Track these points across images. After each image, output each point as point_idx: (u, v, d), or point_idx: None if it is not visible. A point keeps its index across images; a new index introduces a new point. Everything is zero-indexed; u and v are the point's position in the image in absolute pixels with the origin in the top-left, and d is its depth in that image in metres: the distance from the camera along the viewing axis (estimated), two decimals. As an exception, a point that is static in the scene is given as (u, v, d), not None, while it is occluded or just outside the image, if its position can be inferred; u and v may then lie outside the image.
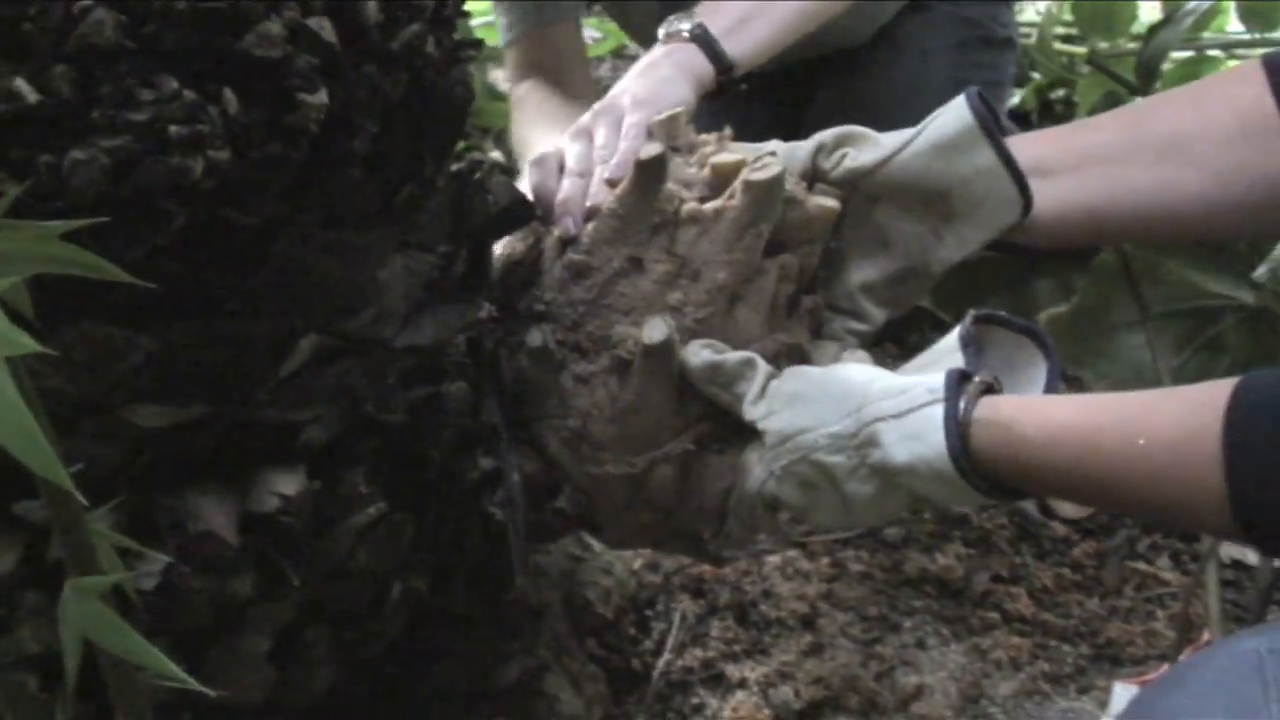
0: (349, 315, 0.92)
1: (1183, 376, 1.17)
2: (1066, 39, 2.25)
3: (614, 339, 0.94)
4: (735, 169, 0.94)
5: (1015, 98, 2.22)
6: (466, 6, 1.05)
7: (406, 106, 0.92)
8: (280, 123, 0.78)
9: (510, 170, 2.43)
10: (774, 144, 1.02)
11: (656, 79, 1.11)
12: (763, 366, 0.89)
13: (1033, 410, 0.80)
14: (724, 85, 1.15)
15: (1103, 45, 2.10)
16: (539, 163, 1.06)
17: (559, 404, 0.96)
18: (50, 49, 0.69)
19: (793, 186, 0.96)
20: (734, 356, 0.89)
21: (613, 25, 2.88)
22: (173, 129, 0.71)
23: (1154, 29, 1.88)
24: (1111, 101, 1.95)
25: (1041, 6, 2.55)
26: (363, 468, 0.94)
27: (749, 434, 0.90)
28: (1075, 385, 1.29)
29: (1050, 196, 0.96)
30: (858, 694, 1.23)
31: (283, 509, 0.87)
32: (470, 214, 1.04)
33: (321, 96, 0.80)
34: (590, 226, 0.97)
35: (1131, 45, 2.08)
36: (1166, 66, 1.97)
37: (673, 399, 0.92)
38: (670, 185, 0.95)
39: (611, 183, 0.99)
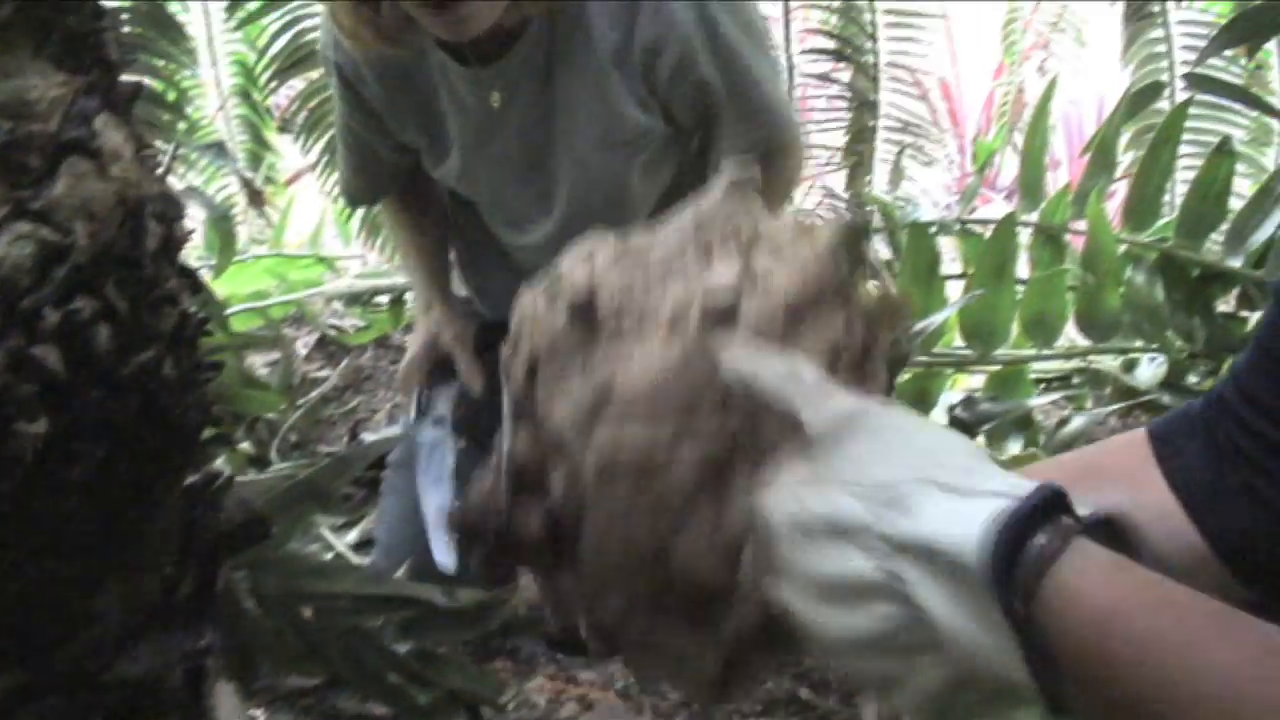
0: (58, 647, 0.87)
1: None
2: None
3: (663, 309, 0.78)
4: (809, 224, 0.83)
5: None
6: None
7: (136, 429, 0.90)
8: (-8, 453, 0.75)
9: (265, 460, 2.40)
10: None
11: None
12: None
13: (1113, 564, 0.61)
14: None
15: (843, 358, 2.23)
16: None
17: (582, 370, 0.79)
18: None
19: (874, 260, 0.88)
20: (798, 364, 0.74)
21: (379, 314, 2.92)
22: None
23: (887, 347, 2.02)
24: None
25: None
26: (59, 815, 0.87)
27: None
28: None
29: None
30: None
31: None
32: (200, 533, 1.01)
33: (40, 425, 0.77)
34: (660, 228, 0.83)
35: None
36: (904, 377, 2.10)
37: (718, 384, 0.76)
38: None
39: None
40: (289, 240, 3.26)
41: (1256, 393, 0.79)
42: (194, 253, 2.97)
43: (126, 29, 2.65)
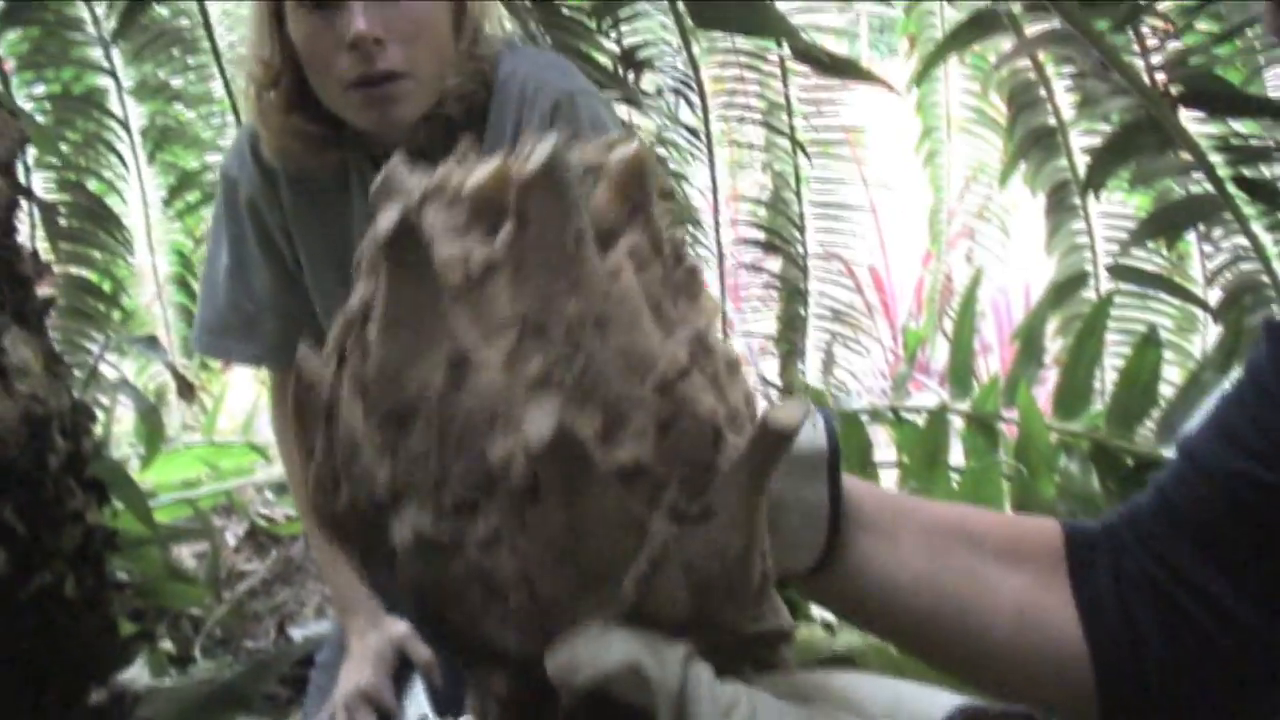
0: None
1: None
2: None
3: (497, 466, 0.64)
4: (498, 181, 0.67)
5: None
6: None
7: (33, 654, 0.86)
8: None
9: (188, 658, 2.33)
10: None
11: None
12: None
13: None
14: None
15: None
16: None
17: (483, 592, 0.65)
18: None
19: (589, 154, 0.69)
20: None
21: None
22: None
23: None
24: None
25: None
26: None
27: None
28: None
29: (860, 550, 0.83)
30: None
31: None
32: (101, 761, 0.96)
33: (-76, 658, 0.74)
34: (375, 353, 0.65)
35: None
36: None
37: (612, 489, 0.63)
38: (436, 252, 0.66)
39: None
40: (222, 426, 3.22)
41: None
42: (125, 440, 2.93)
43: (64, 222, 2.67)
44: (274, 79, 1.49)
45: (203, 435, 3.12)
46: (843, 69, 2.51)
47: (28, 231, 2.53)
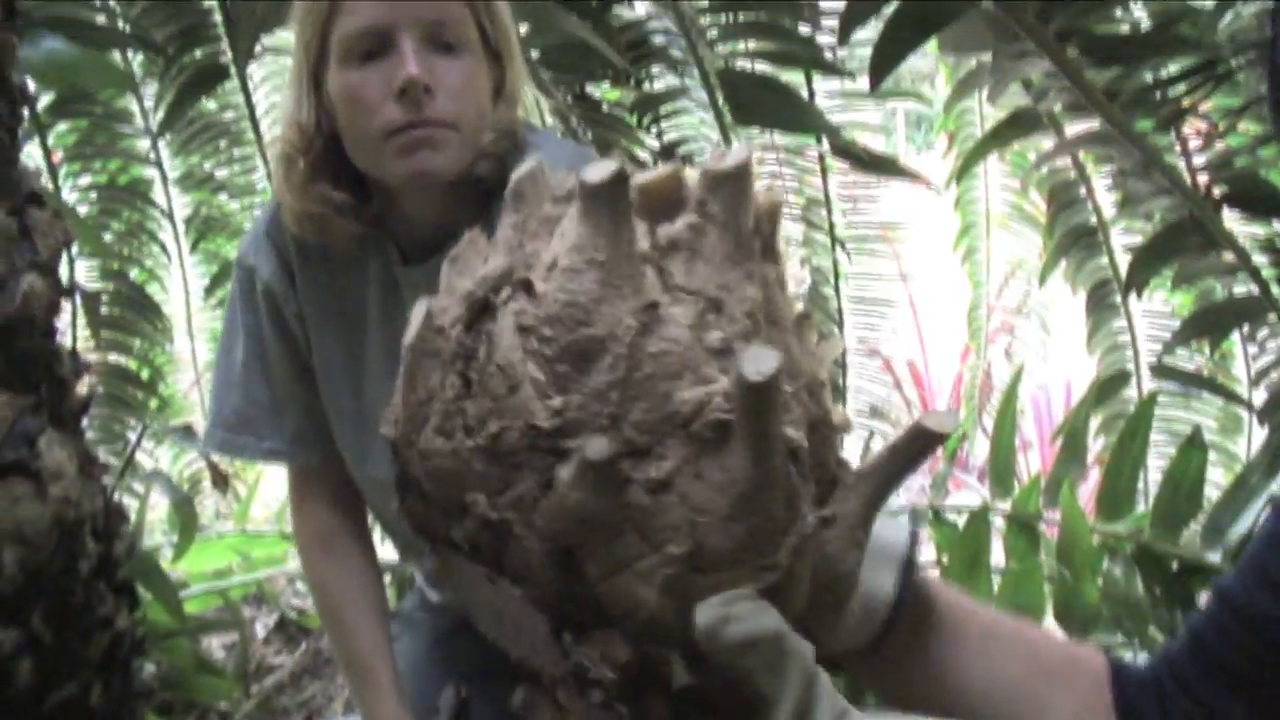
0: None
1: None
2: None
3: (683, 412, 0.65)
4: (673, 181, 0.71)
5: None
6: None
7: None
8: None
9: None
10: None
11: None
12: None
13: None
14: None
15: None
16: None
17: (637, 538, 0.65)
18: None
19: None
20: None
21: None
22: None
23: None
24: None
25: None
26: None
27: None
28: None
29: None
30: None
31: None
32: None
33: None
34: (554, 294, 0.67)
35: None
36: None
37: (786, 459, 0.66)
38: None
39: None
40: (255, 515, 3.21)
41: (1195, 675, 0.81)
42: (158, 528, 2.93)
43: (105, 310, 2.69)
44: (307, 144, 1.47)
45: (235, 524, 3.11)
46: (881, 165, 2.50)
47: (68, 318, 2.55)
